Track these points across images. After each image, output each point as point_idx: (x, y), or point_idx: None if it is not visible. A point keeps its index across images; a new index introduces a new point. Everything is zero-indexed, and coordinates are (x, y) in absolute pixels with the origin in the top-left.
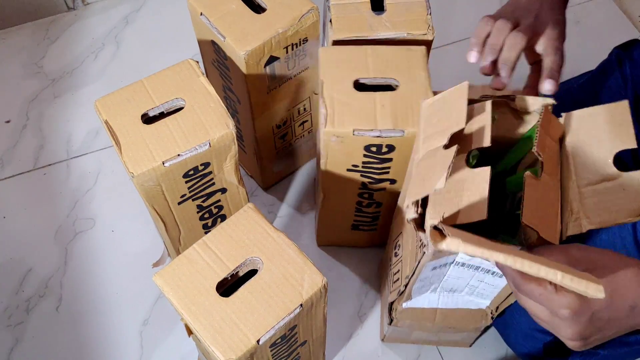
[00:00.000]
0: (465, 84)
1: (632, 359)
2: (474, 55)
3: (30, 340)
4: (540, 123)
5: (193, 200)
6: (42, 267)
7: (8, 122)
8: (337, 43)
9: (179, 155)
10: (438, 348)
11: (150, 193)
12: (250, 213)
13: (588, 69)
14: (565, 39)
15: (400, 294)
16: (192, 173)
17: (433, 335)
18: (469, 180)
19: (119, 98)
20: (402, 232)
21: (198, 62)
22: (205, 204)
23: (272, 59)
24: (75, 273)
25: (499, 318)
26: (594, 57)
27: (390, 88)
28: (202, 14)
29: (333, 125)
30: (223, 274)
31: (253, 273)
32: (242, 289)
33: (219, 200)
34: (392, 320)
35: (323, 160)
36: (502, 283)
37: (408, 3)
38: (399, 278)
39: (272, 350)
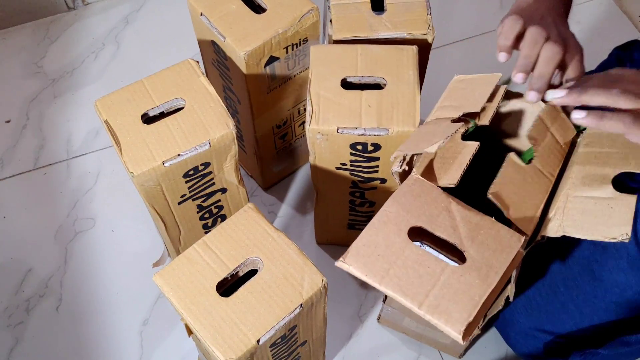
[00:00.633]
0: (498, 75)
1: (632, 359)
2: (504, 56)
3: (30, 340)
4: (541, 115)
5: (193, 200)
6: (42, 267)
7: (8, 122)
8: (337, 43)
9: (179, 155)
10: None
11: (150, 193)
12: (250, 213)
13: (588, 69)
14: None
15: None
16: (192, 173)
17: (422, 329)
18: (456, 150)
19: (119, 98)
20: None
21: (198, 62)
22: (206, 204)
23: (272, 59)
24: (75, 273)
25: (500, 318)
26: (594, 57)
27: (379, 87)
28: (202, 14)
29: (317, 123)
30: (223, 274)
31: (253, 273)
32: (242, 289)
33: (219, 200)
34: (386, 297)
35: (312, 158)
36: None
37: (408, 3)
38: None
39: (272, 350)
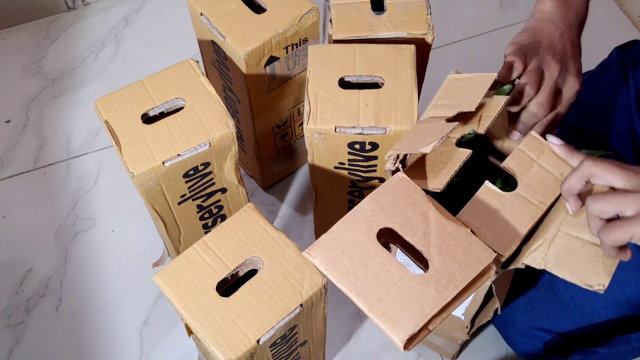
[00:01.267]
0: (493, 75)
1: (632, 358)
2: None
3: (30, 340)
4: (521, 148)
5: (193, 200)
6: (42, 267)
7: (8, 122)
8: (337, 43)
9: (179, 155)
10: None
11: (150, 193)
12: (250, 213)
13: (588, 69)
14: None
15: None
16: (192, 173)
17: None
18: (448, 155)
19: (119, 98)
20: None
21: (198, 62)
22: (205, 204)
23: (272, 59)
24: (75, 273)
25: (499, 317)
26: (594, 57)
27: (377, 86)
28: (202, 14)
29: (315, 122)
30: (223, 274)
31: (253, 273)
32: (242, 289)
33: (219, 200)
34: None
35: (310, 158)
36: None
37: (408, 3)
38: None
39: (272, 350)
